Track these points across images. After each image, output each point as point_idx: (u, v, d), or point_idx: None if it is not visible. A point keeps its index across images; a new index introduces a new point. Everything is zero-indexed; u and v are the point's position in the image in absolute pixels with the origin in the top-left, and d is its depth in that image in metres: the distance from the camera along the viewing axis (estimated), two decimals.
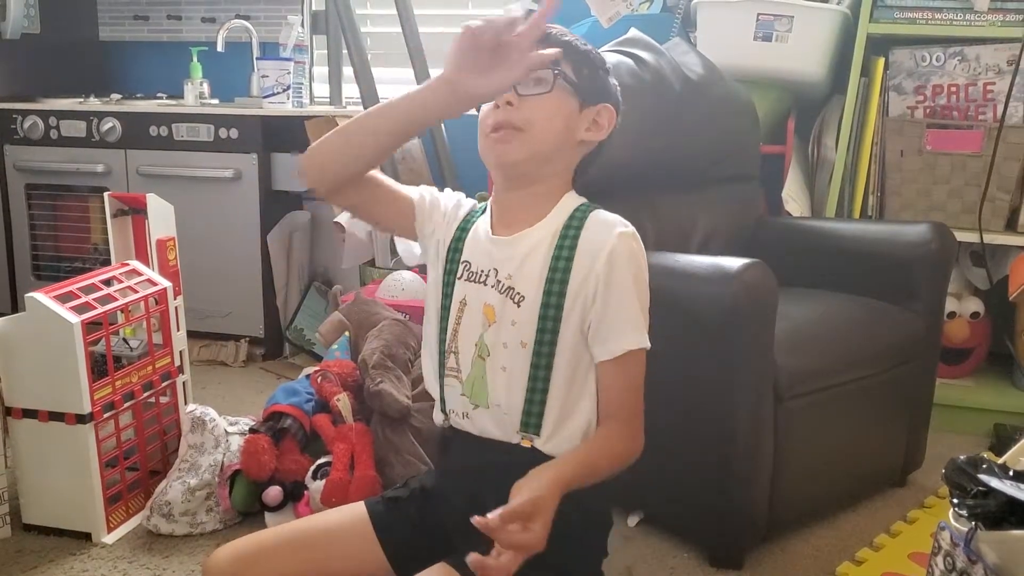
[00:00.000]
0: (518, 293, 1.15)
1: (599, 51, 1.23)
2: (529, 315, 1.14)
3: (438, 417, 1.24)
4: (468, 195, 1.44)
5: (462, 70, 1.06)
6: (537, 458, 1.13)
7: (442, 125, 3.05)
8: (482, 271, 1.18)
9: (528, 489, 1.00)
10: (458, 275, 1.20)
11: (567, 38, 1.18)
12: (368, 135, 1.14)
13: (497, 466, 1.16)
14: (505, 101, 1.13)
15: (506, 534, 0.95)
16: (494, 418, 1.17)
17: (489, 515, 0.95)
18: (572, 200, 1.20)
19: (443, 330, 1.21)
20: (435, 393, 1.23)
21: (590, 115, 1.18)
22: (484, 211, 1.25)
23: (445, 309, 1.21)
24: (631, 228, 1.16)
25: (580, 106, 1.17)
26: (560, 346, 1.14)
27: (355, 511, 1.23)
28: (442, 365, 1.21)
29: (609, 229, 1.15)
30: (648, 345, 1.16)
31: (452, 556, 1.10)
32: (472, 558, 0.95)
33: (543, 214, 1.18)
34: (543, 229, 1.17)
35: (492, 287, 1.17)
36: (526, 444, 1.15)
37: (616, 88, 1.24)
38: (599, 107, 1.19)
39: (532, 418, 1.15)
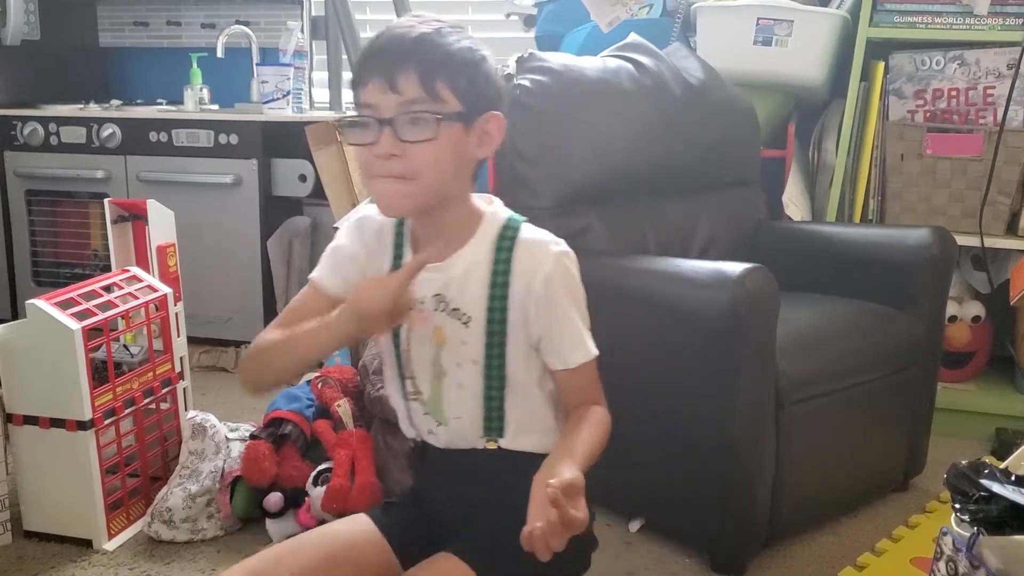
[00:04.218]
0: (464, 314, 1.14)
1: (473, 42, 1.10)
2: (477, 334, 1.14)
3: (410, 432, 1.25)
4: None
5: (369, 315, 1.05)
6: (505, 456, 1.17)
7: None
8: (421, 299, 1.15)
9: (559, 470, 0.99)
10: None
11: (441, 48, 1.06)
12: (287, 359, 1.13)
13: (467, 470, 1.19)
14: (389, 153, 1.05)
15: (565, 509, 0.94)
16: (457, 431, 1.18)
17: (551, 483, 0.94)
18: (495, 216, 1.16)
19: (397, 356, 1.20)
20: (402, 413, 1.24)
21: (477, 130, 1.09)
22: (403, 234, 1.19)
23: (396, 336, 1.19)
24: (562, 245, 1.14)
25: (465, 127, 1.08)
26: (509, 359, 1.14)
27: (357, 518, 1.25)
28: (403, 389, 1.21)
29: (543, 250, 1.13)
30: (595, 352, 1.16)
31: (450, 546, 1.13)
32: (525, 532, 0.95)
33: (468, 231, 1.14)
34: (476, 248, 1.14)
35: (438, 311, 1.15)
36: (491, 446, 1.18)
37: (497, 79, 1.13)
38: (485, 117, 1.10)
39: (493, 423, 1.17)
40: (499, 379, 1.15)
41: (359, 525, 1.22)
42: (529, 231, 1.16)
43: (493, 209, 1.17)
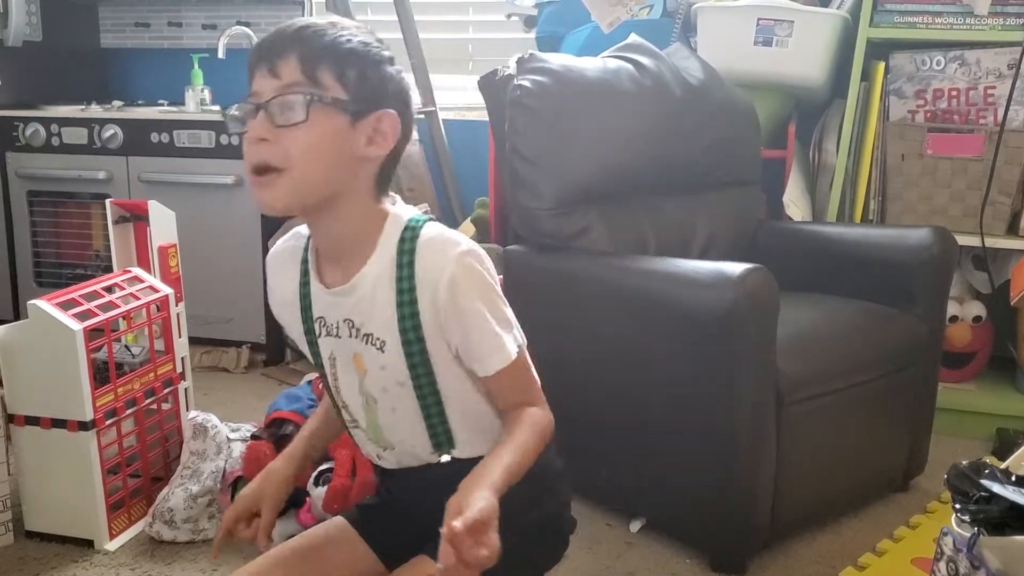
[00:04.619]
0: (377, 339, 1.07)
1: (376, 41, 1.05)
2: (395, 357, 1.07)
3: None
4: (468, 199, 1.36)
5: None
6: (462, 465, 1.11)
7: (442, 130, 3.05)
8: (335, 324, 1.11)
9: (471, 500, 0.94)
10: (318, 333, 1.13)
11: (327, 37, 1.01)
12: None
13: (425, 485, 1.15)
14: (258, 137, 0.99)
15: (467, 550, 0.90)
16: (406, 452, 1.15)
17: (452, 525, 0.90)
18: (395, 222, 1.07)
19: (327, 386, 1.18)
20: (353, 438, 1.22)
21: (367, 127, 1.02)
22: (307, 253, 1.14)
23: (320, 367, 1.16)
24: (465, 243, 1.05)
25: (352, 121, 1.01)
26: (438, 372, 1.08)
27: (335, 521, 1.24)
28: (341, 419, 1.19)
29: (443, 251, 1.04)
30: (514, 355, 1.07)
31: (427, 549, 1.11)
32: (436, 571, 0.91)
33: (367, 247, 1.06)
34: (376, 265, 1.06)
35: (352, 338, 1.09)
36: (445, 459, 1.14)
37: (399, 81, 1.06)
38: (377, 115, 1.02)
39: (442, 438, 1.13)
40: (433, 395, 1.09)
41: (336, 527, 1.22)
42: (431, 231, 1.06)
43: (395, 212, 1.08)
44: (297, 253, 1.15)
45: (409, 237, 1.06)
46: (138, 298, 1.91)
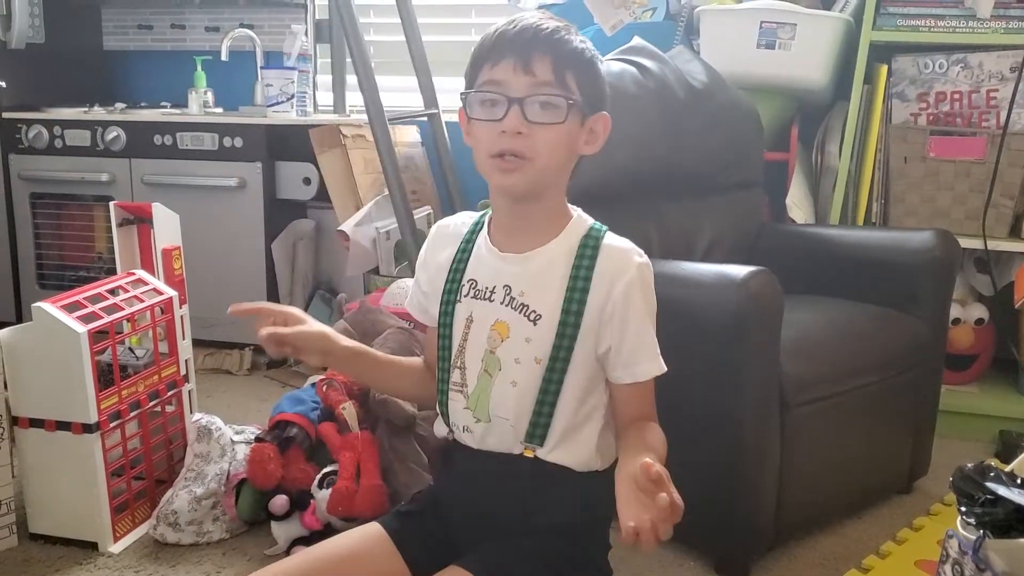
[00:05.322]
0: (533, 311, 1.14)
1: (592, 47, 1.16)
2: (545, 333, 1.13)
3: (441, 430, 1.24)
4: (470, 202, 1.40)
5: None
6: (539, 467, 1.15)
7: (445, 132, 3.05)
8: (489, 288, 1.17)
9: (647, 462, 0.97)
10: (464, 293, 1.19)
11: (573, 43, 1.11)
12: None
13: (497, 476, 1.17)
14: (515, 131, 1.08)
15: (670, 489, 0.93)
16: (497, 431, 1.17)
17: (646, 460, 0.94)
18: (582, 219, 1.19)
19: (446, 347, 1.20)
20: (440, 407, 1.23)
21: (587, 127, 1.15)
22: (481, 225, 1.23)
23: (447, 327, 1.20)
24: (645, 256, 1.17)
25: (581, 121, 1.13)
26: (573, 364, 1.14)
27: (371, 530, 1.22)
28: (444, 381, 1.20)
29: (627, 257, 1.15)
30: (665, 368, 1.18)
31: (462, 559, 1.12)
32: (629, 529, 0.92)
33: (552, 231, 1.17)
34: (557, 248, 1.16)
35: (503, 304, 1.15)
36: (528, 454, 1.16)
37: (606, 83, 1.18)
38: (595, 117, 1.15)
39: (538, 429, 1.15)
40: (558, 383, 1.14)
41: (371, 537, 1.21)
42: (613, 238, 1.18)
43: (578, 214, 1.20)
44: (464, 228, 1.24)
45: (594, 235, 1.17)
46: (142, 300, 1.92)
